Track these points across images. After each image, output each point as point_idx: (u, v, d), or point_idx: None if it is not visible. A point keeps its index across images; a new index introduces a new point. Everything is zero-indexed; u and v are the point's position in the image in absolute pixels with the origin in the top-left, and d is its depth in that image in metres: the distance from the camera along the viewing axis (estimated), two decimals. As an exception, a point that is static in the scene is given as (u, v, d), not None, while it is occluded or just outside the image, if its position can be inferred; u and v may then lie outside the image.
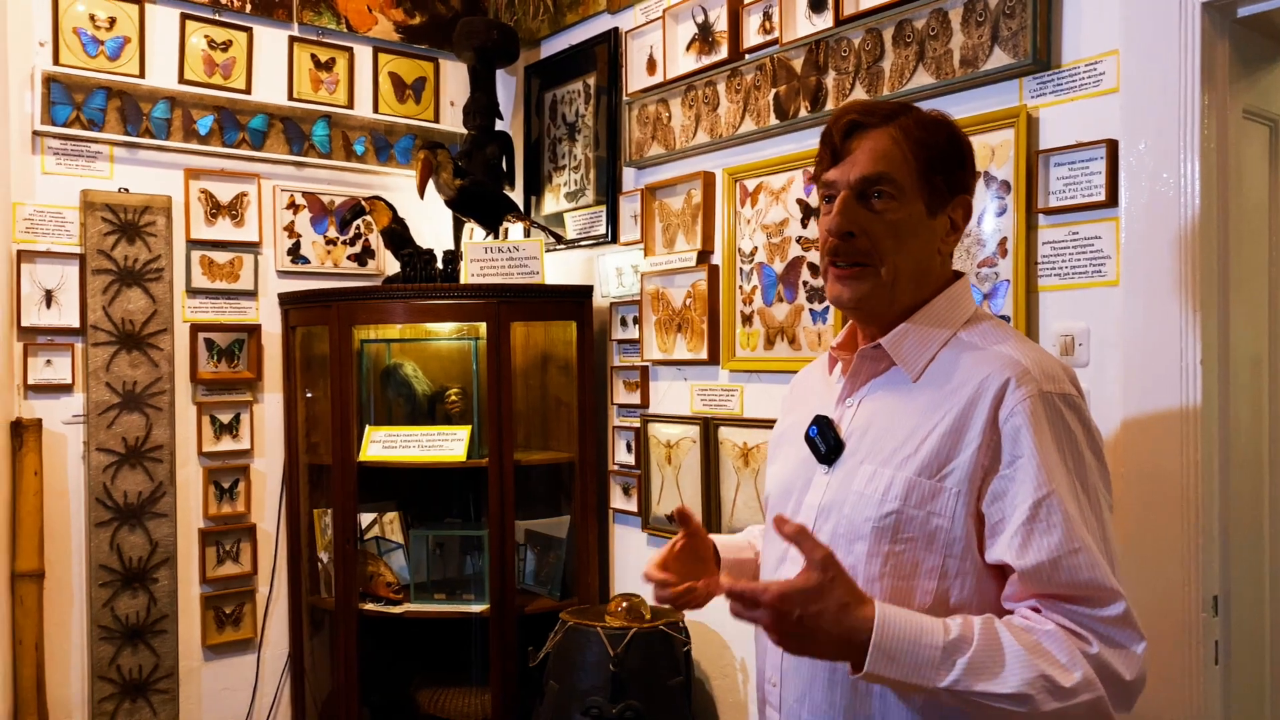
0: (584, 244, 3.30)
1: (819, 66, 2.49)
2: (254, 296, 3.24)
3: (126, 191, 3.01)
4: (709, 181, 2.81)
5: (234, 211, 3.20)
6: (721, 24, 2.75)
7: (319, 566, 3.21)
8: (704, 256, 2.83)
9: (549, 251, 3.37)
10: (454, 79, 3.63)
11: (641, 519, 3.04)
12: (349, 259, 3.44)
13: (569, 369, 3.19)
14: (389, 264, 3.45)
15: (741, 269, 2.73)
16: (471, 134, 3.37)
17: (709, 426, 2.78)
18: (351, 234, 3.42)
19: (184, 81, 3.11)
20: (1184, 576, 1.79)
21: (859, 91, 2.39)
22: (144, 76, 3.05)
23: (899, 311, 1.36)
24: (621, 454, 3.13)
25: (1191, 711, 1.78)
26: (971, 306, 1.39)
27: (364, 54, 3.45)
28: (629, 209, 3.11)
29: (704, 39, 2.82)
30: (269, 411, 3.26)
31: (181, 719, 3.08)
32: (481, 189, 3.17)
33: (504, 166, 3.42)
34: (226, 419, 3.19)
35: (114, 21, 3.01)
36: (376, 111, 3.47)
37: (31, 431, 2.82)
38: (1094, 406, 1.53)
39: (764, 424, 2.62)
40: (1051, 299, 2.03)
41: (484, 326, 2.99)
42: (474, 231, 3.31)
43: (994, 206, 2.12)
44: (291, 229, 3.31)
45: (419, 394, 3.26)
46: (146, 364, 3.02)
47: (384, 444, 3.05)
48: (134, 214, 3.00)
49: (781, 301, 2.61)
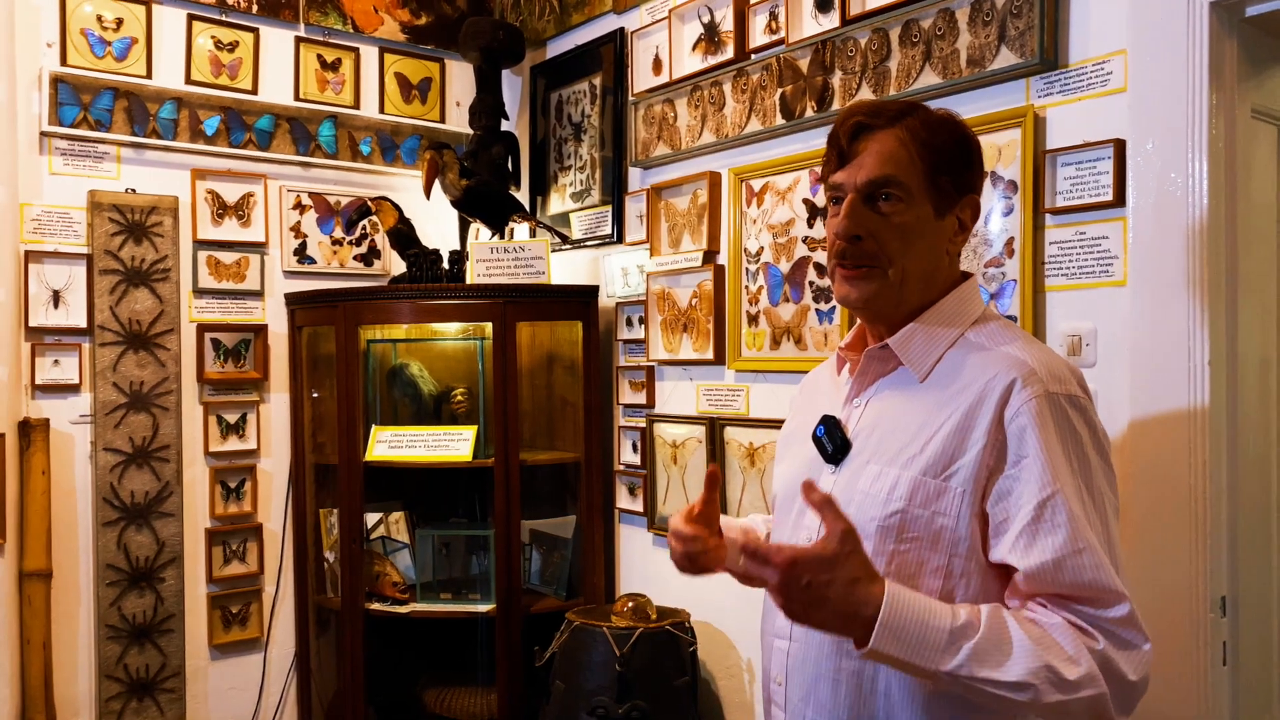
0: (590, 244, 3.31)
1: (825, 66, 2.49)
2: (260, 297, 3.24)
3: (133, 192, 3.01)
4: (715, 181, 2.81)
5: (240, 212, 3.20)
6: (728, 24, 2.75)
7: (325, 566, 3.21)
8: (710, 256, 2.83)
9: (555, 252, 3.37)
10: (460, 79, 3.63)
11: (647, 519, 3.04)
12: (355, 259, 3.44)
13: (574, 369, 3.19)
14: (395, 264, 3.45)
15: (747, 269, 2.73)
16: (477, 134, 3.37)
17: (715, 426, 2.77)
18: (358, 234, 3.43)
19: (190, 82, 3.12)
20: (1191, 577, 1.79)
21: (865, 91, 2.39)
22: (151, 77, 3.05)
23: (907, 312, 1.36)
24: (627, 454, 3.13)
25: (1199, 713, 1.78)
26: (980, 307, 1.39)
27: (370, 54, 3.46)
28: (635, 209, 3.11)
29: (710, 39, 2.81)
30: (275, 411, 3.27)
31: (188, 718, 3.09)
32: (487, 189, 3.17)
33: (510, 167, 3.42)
34: (233, 419, 3.20)
35: (121, 22, 3.01)
36: (382, 112, 3.48)
37: (39, 431, 2.83)
38: (1101, 407, 1.52)
39: (770, 424, 2.61)
40: (1058, 299, 2.03)
41: (490, 326, 3.00)
42: (480, 232, 3.31)
43: (1001, 206, 2.11)
44: (298, 229, 3.31)
45: (425, 394, 3.26)
46: (153, 364, 3.02)
47: (390, 444, 3.05)
48: (141, 214, 3.01)
49: (787, 301, 2.61)
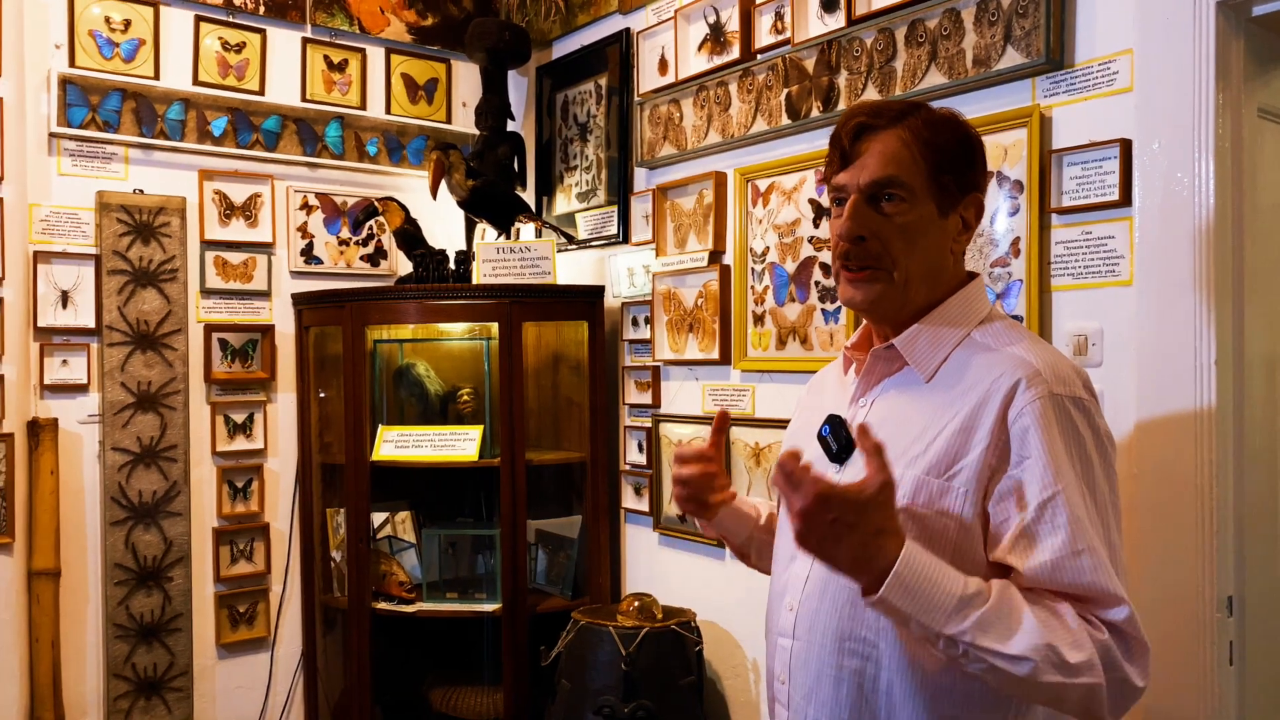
0: (595, 244, 3.31)
1: (831, 66, 2.49)
2: (267, 297, 3.25)
3: (141, 193, 3.02)
4: (720, 181, 2.81)
5: (248, 212, 3.21)
6: (733, 24, 2.75)
7: (332, 565, 3.22)
8: (715, 256, 2.83)
9: (561, 252, 3.38)
10: (466, 80, 3.64)
11: (653, 519, 3.05)
12: (362, 259, 3.45)
13: (581, 369, 3.20)
14: (401, 264, 3.46)
15: (753, 269, 2.73)
16: (483, 135, 3.38)
17: (721, 426, 2.77)
18: (364, 234, 3.44)
19: (198, 83, 3.13)
20: (1198, 577, 1.78)
21: (871, 91, 2.39)
22: (158, 78, 3.06)
23: (912, 312, 1.36)
24: (633, 454, 3.13)
25: (1206, 713, 1.77)
26: (986, 307, 1.39)
27: (376, 55, 3.47)
28: (640, 209, 3.11)
29: (716, 39, 2.82)
30: (282, 411, 3.28)
31: (196, 717, 3.10)
32: (493, 189, 3.18)
33: (516, 167, 3.43)
34: (240, 419, 3.21)
35: (129, 24, 3.02)
36: (389, 112, 3.49)
37: (48, 431, 2.84)
38: (1107, 407, 1.52)
39: (776, 424, 2.62)
40: (1064, 299, 2.03)
41: (496, 326, 3.00)
42: (486, 232, 3.32)
43: (1007, 206, 2.11)
44: (305, 230, 3.32)
45: (431, 394, 3.27)
46: (161, 364, 3.04)
47: (396, 444, 3.06)
48: (149, 215, 3.02)
49: (793, 301, 2.61)
